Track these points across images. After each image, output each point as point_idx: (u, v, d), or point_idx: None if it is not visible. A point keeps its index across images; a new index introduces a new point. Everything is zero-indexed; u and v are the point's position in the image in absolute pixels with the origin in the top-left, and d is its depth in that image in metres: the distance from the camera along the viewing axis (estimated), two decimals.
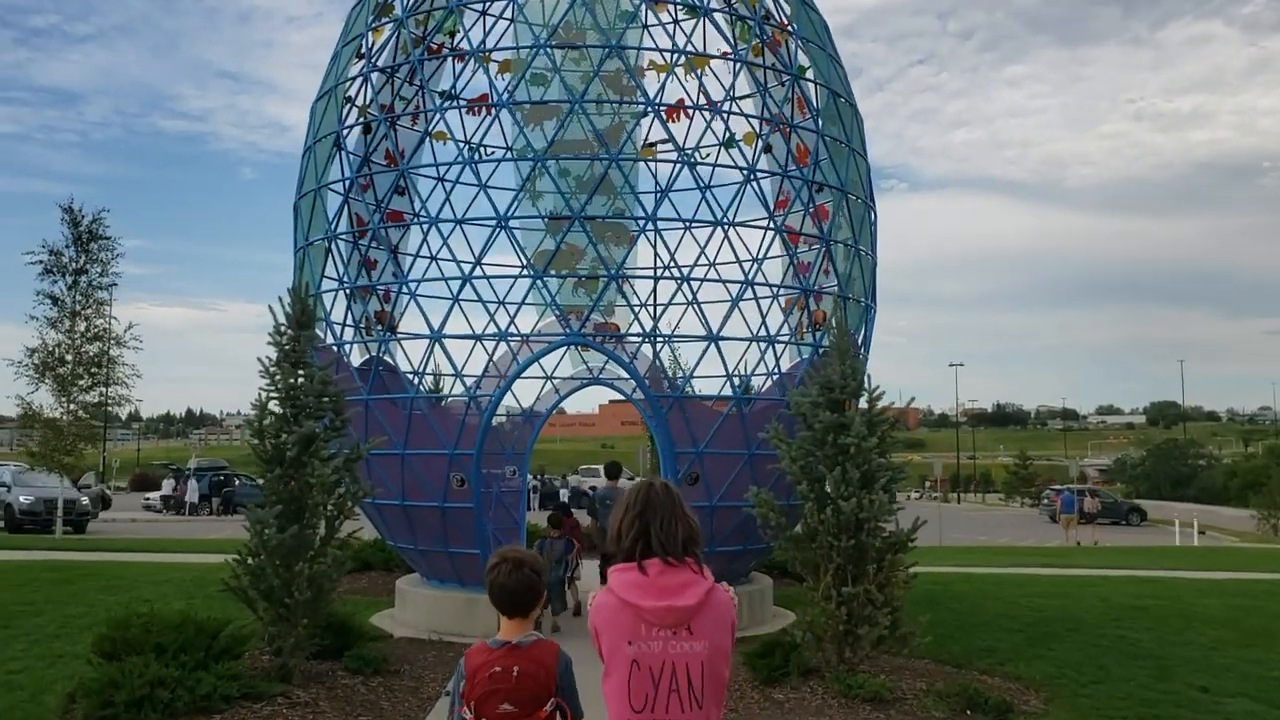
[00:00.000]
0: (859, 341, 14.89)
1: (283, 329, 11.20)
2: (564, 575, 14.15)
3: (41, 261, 29.07)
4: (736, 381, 14.34)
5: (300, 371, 11.19)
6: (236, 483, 48.84)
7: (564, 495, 48.97)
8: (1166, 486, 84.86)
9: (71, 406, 28.87)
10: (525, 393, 18.87)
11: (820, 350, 14.19)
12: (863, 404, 11.27)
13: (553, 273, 13.12)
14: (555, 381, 19.05)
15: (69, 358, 28.76)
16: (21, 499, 34.73)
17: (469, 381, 13.98)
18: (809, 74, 14.69)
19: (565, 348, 18.79)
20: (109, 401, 30.45)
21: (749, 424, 13.52)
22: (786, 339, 16.02)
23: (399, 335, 15.78)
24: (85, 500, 36.63)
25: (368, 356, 16.52)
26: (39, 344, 28.70)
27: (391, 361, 16.29)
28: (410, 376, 16.81)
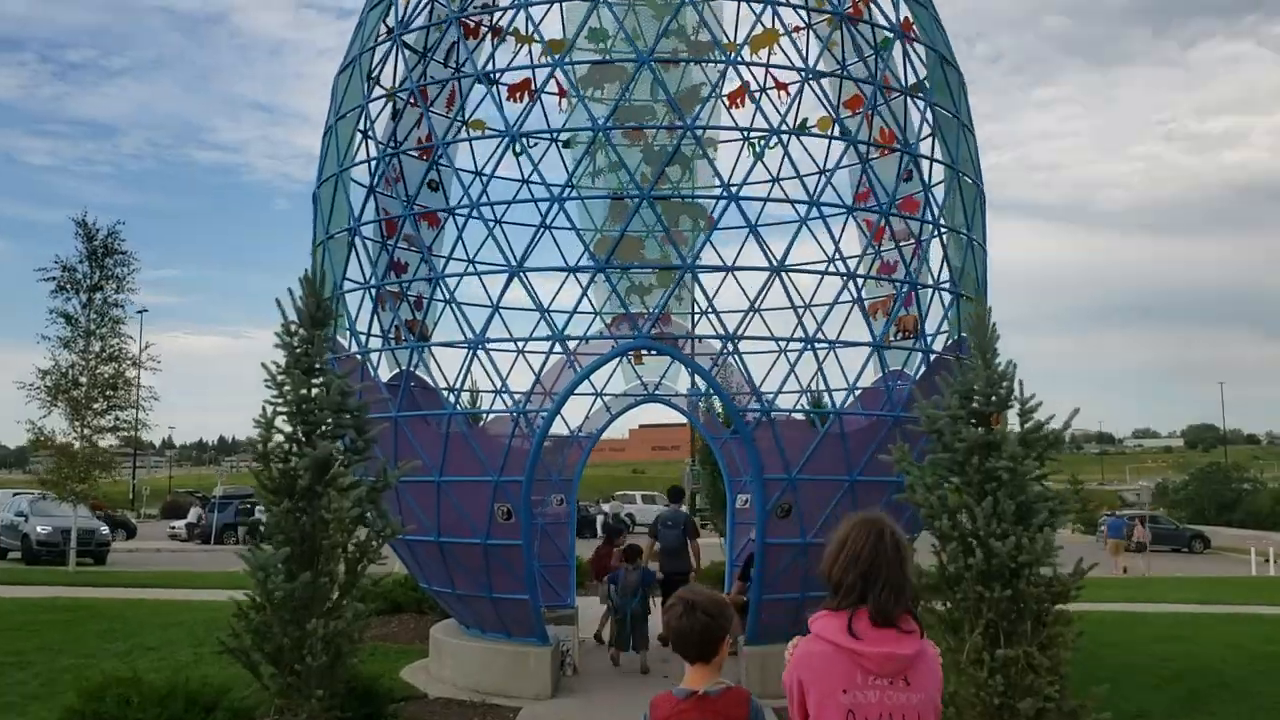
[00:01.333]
0: None
1: (293, 328, 8.95)
2: (642, 610, 12.82)
3: (54, 278, 27.03)
4: (826, 396, 12.01)
5: (314, 381, 8.94)
6: (258, 510, 46.80)
7: (599, 522, 46.52)
8: (1211, 511, 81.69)
9: (86, 431, 26.72)
10: (572, 412, 16.61)
11: (931, 355, 11.81)
12: (1012, 418, 8.88)
13: (617, 262, 10.77)
14: (606, 399, 16.74)
15: (83, 379, 26.65)
16: (39, 529, 32.65)
17: (516, 396, 11.63)
18: (910, 34, 12.37)
19: (620, 358, 16.55)
20: (124, 426, 28.33)
21: (850, 446, 11.14)
22: (912, 342, 13.66)
23: (433, 344, 13.51)
24: (105, 530, 34.57)
25: (397, 370, 14.32)
26: (51, 365, 26.59)
27: (425, 376, 14.04)
28: (446, 394, 14.54)
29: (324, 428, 8.87)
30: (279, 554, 8.45)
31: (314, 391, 8.90)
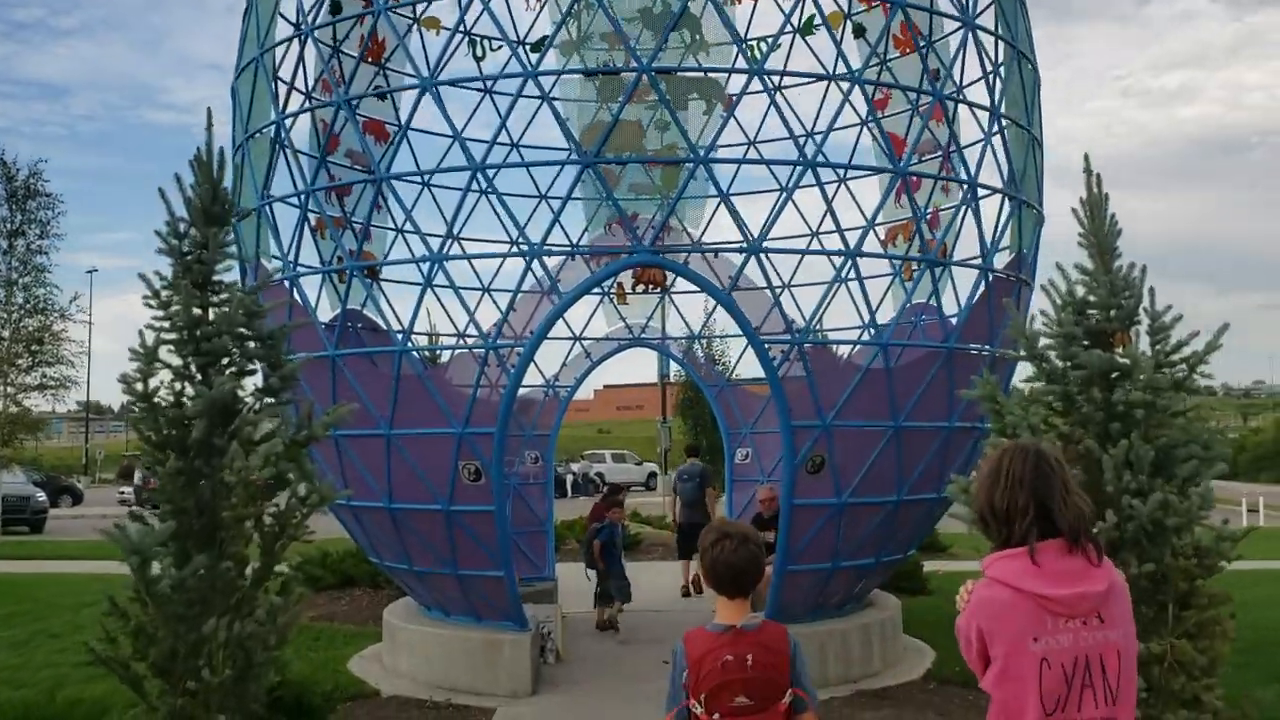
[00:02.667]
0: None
1: (181, 225, 6.50)
2: (599, 566, 11.93)
3: None
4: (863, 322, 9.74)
5: (213, 298, 6.52)
6: None
7: (569, 481, 44.27)
8: None
9: (9, 390, 23.93)
10: (546, 359, 14.26)
11: (991, 275, 9.53)
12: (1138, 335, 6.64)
13: (609, 156, 8.30)
14: (585, 344, 14.38)
15: (5, 333, 23.82)
16: None
17: (482, 334, 9.20)
18: None
19: (605, 289, 14.16)
20: (53, 384, 25.50)
21: (896, 384, 8.87)
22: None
23: (386, 262, 11.12)
24: (41, 496, 31.77)
25: (340, 311, 11.90)
26: None
27: (373, 317, 11.62)
28: (400, 337, 12.09)
29: (225, 359, 6.46)
30: (162, 530, 6.06)
31: (211, 312, 6.48)
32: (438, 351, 12.21)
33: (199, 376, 6.42)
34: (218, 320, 6.38)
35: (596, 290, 14.36)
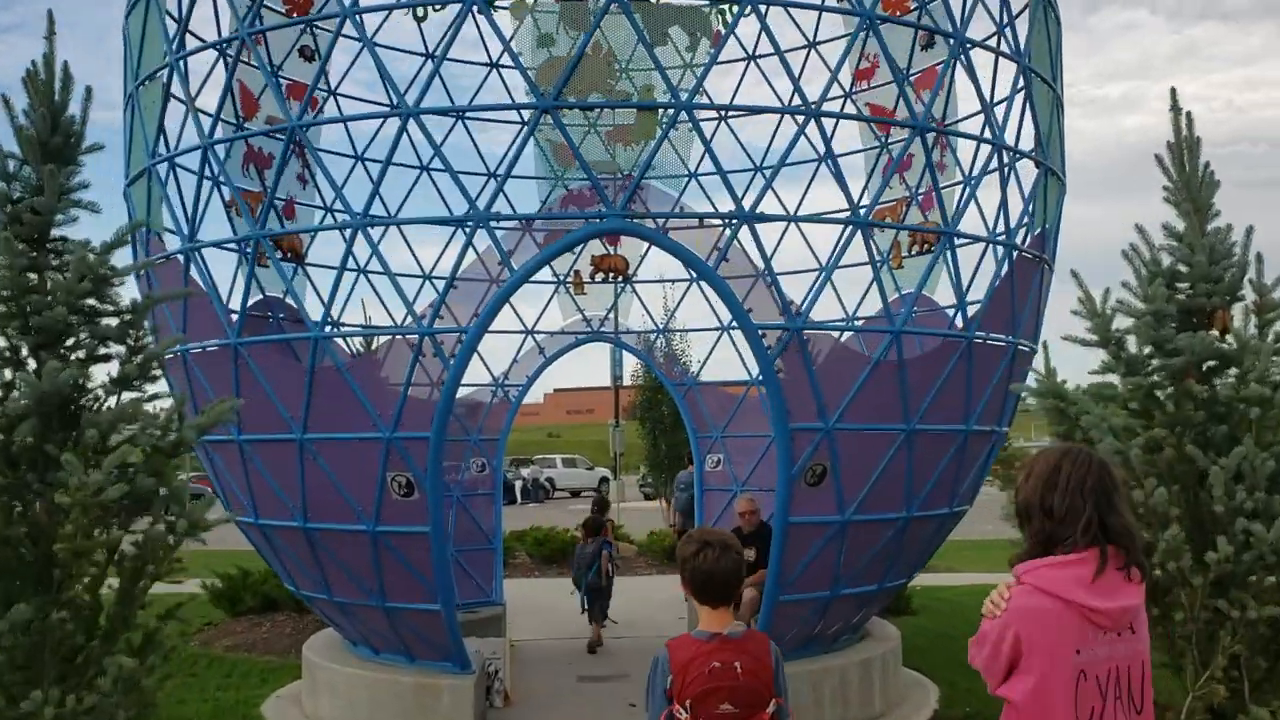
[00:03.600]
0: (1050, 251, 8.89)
1: (10, 163, 4.87)
2: (602, 583, 11.19)
3: None
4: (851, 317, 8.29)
5: (50, 257, 4.89)
6: None
7: (519, 487, 42.50)
8: None
9: None
10: (494, 353, 12.72)
11: (1015, 254, 8.12)
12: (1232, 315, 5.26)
13: (570, 100, 6.73)
14: (539, 338, 12.82)
15: None
16: None
17: (416, 319, 7.56)
18: None
19: (564, 266, 12.69)
20: None
21: (912, 380, 7.43)
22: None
23: (305, 227, 9.52)
24: None
25: (260, 299, 10.26)
26: None
27: (296, 305, 9.98)
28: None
29: (72, 341, 4.85)
30: None
31: (48, 278, 4.86)
32: (366, 339, 10.49)
33: (31, 362, 4.80)
34: (56, 288, 4.76)
35: (551, 279, 12.86)
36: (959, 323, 8.82)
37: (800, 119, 7.86)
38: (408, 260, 13.77)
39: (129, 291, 7.32)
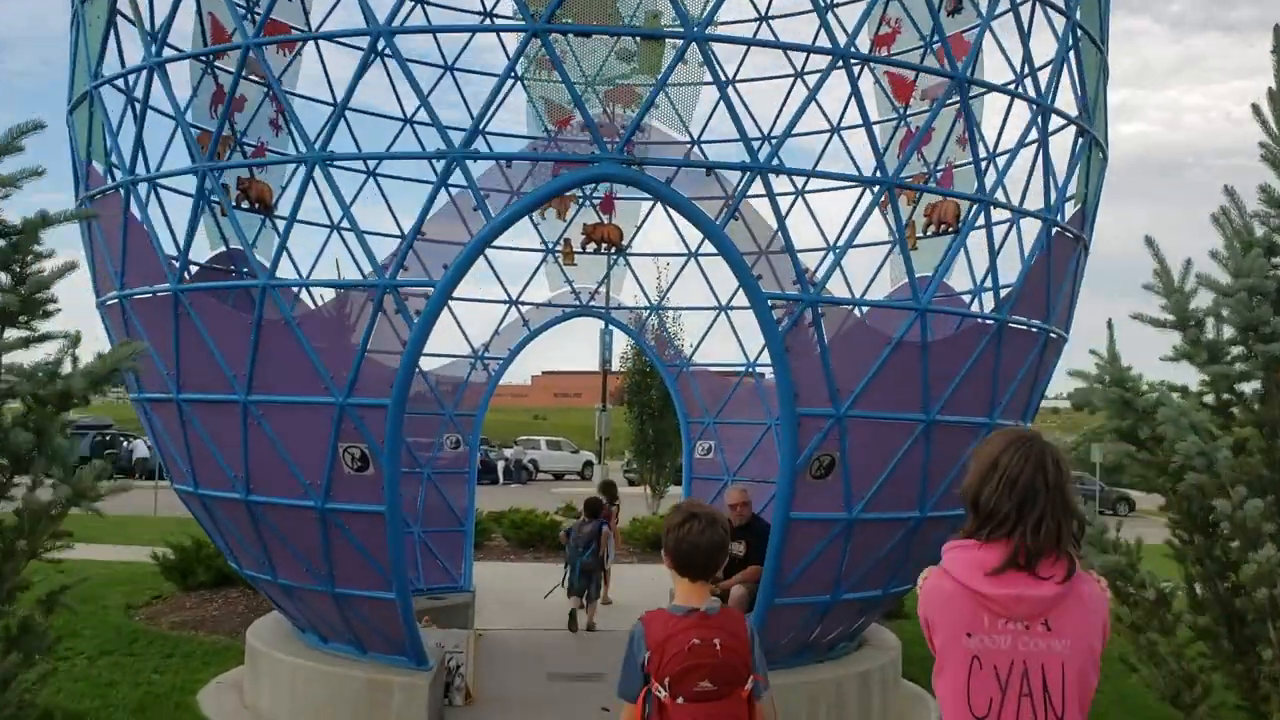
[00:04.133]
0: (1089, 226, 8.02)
1: None
2: (602, 564, 11.15)
3: None
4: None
5: None
6: (124, 444, 40.74)
7: (500, 467, 41.62)
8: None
9: None
10: (475, 325, 11.81)
11: (1054, 231, 7.24)
12: None
13: (566, 23, 5.81)
14: (523, 309, 11.92)
15: None
16: None
17: (378, 269, 6.61)
18: None
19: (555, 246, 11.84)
20: None
21: (934, 365, 6.57)
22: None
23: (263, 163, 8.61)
24: None
25: (223, 250, 9.38)
26: None
27: (264, 261, 9.06)
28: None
29: None
30: None
31: None
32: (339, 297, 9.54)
33: None
34: None
35: (539, 247, 11.97)
36: (978, 308, 8.00)
37: (810, 85, 6.96)
38: (389, 223, 12.76)
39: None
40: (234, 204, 9.82)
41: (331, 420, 6.32)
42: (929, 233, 10.39)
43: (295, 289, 7.80)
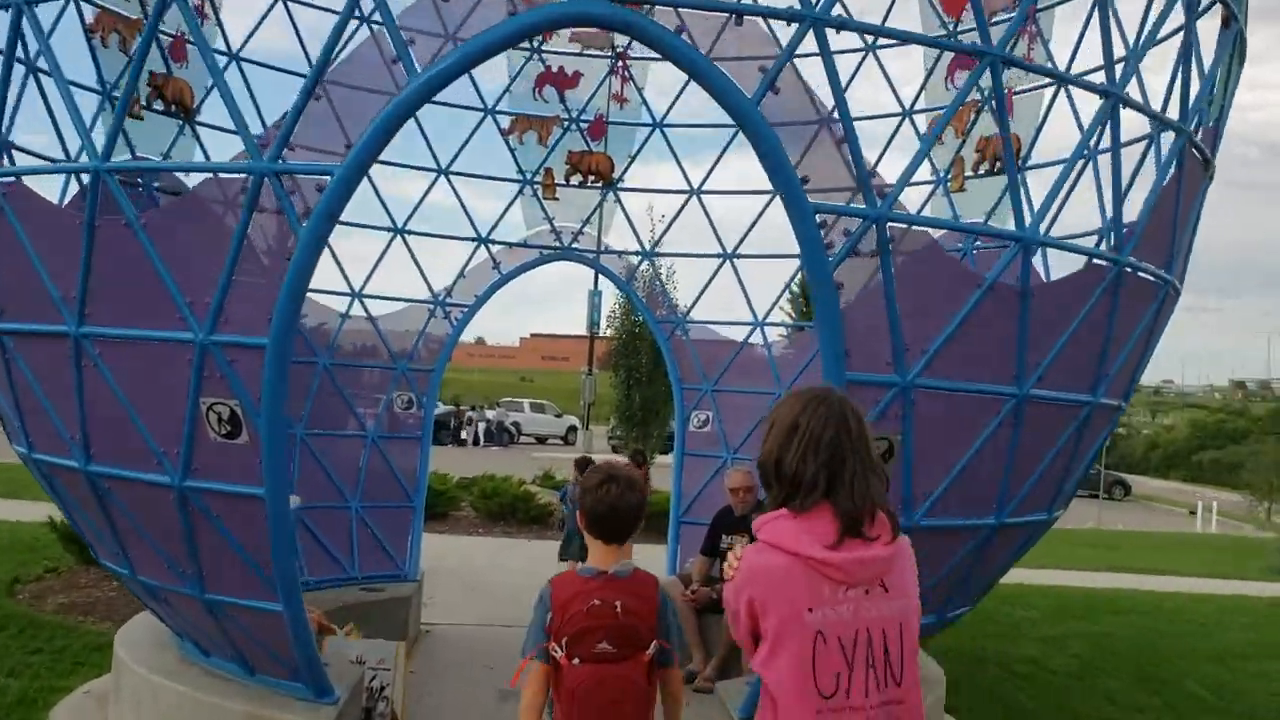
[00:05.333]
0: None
1: None
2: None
3: None
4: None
5: None
6: None
7: (481, 429, 39.64)
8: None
9: None
10: (436, 266, 9.83)
11: (1188, 145, 5.30)
12: None
13: None
14: (494, 249, 9.96)
15: None
16: None
17: (254, 152, 4.57)
18: None
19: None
20: None
21: (1034, 321, 4.65)
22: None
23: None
24: None
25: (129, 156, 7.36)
26: None
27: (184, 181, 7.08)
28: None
29: None
30: None
31: None
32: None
33: None
34: None
35: (515, 176, 9.98)
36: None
37: None
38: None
39: None
40: (146, 104, 7.95)
41: (190, 365, 4.37)
42: (981, 171, 8.53)
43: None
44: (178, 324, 4.36)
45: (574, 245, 10.09)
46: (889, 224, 4.18)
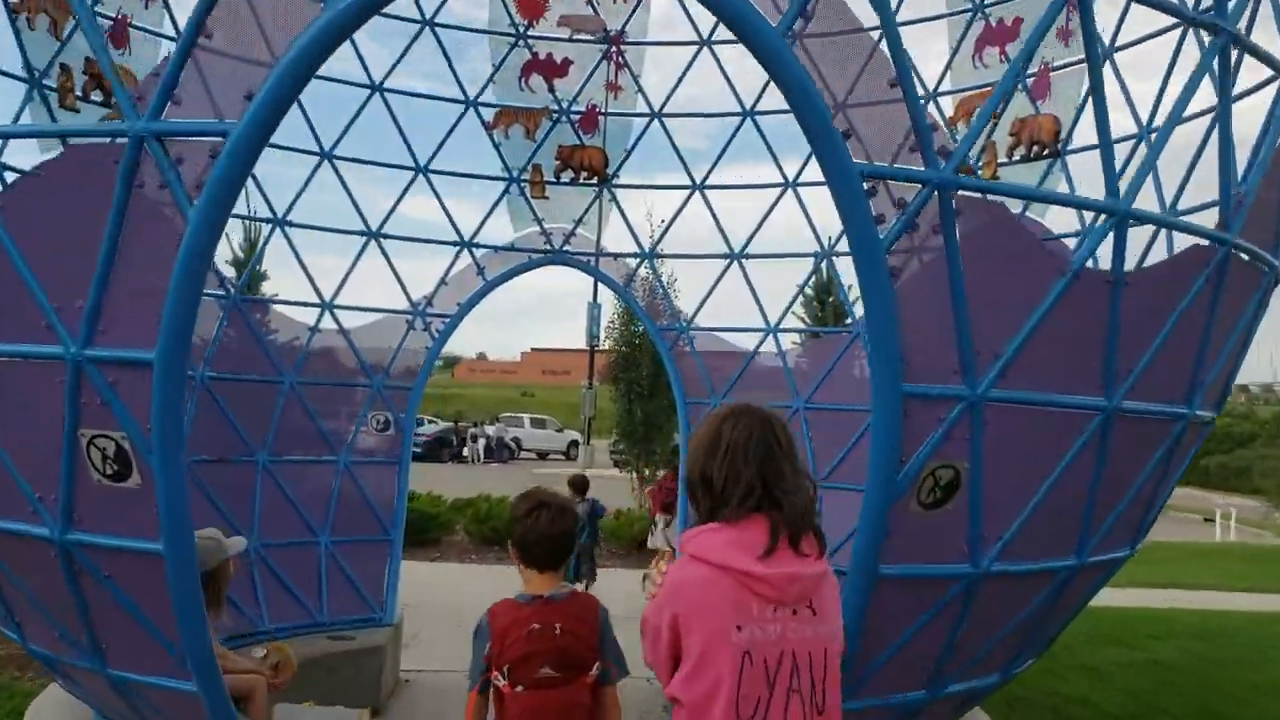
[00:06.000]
0: None
1: None
2: (590, 543, 10.80)
3: None
4: None
5: None
6: None
7: (481, 445, 38.58)
8: None
9: None
10: (415, 273, 8.86)
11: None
12: None
13: None
14: (477, 254, 9.01)
15: None
16: None
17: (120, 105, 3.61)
18: None
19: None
20: None
21: (1135, 306, 3.67)
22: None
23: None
24: None
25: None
26: None
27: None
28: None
29: None
30: None
31: None
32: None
33: None
34: None
35: (500, 174, 9.03)
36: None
37: None
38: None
39: None
40: (82, 95, 7.04)
41: (63, 387, 3.40)
42: (1017, 156, 7.61)
43: None
44: (44, 335, 3.39)
45: (566, 248, 9.14)
46: (956, 191, 3.20)
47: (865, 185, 3.11)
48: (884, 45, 4.18)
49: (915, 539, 3.65)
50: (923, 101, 8.17)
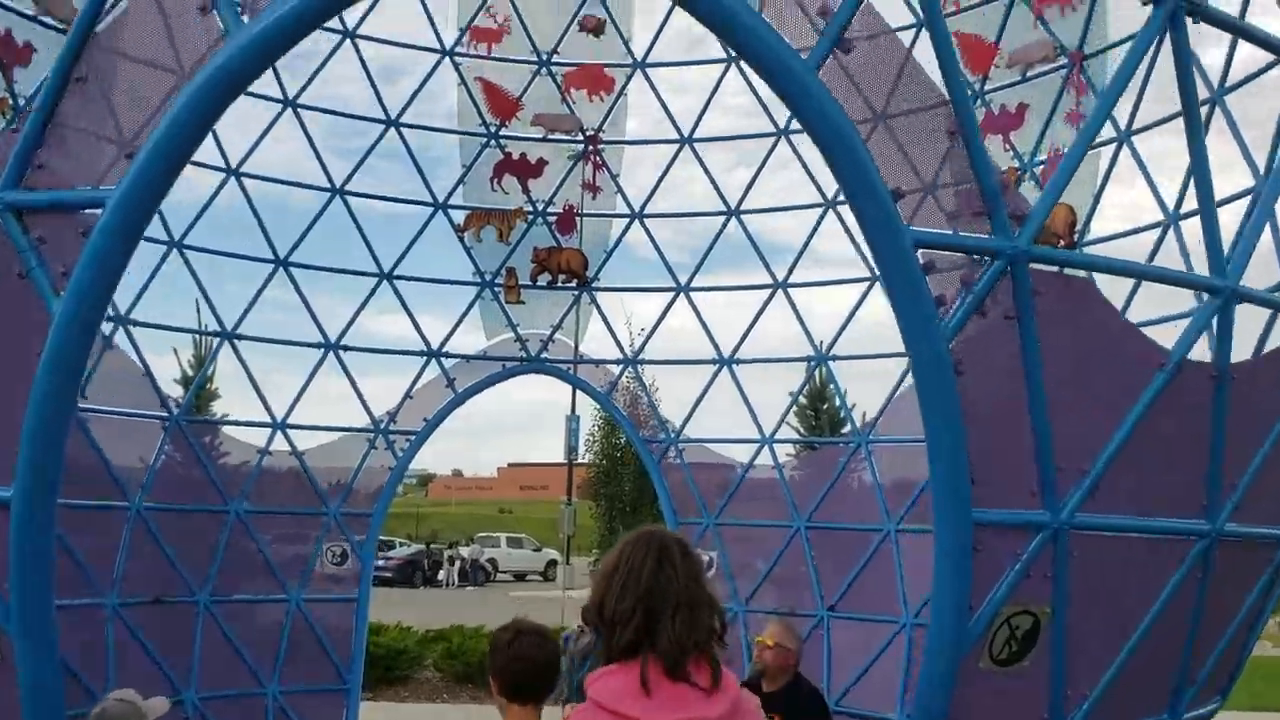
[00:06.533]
0: None
1: None
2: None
3: None
4: None
5: None
6: None
7: (456, 568, 37.18)
8: None
9: None
10: (378, 391, 8.18)
11: None
12: None
13: None
14: (446, 364, 8.34)
15: None
16: None
17: None
18: None
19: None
20: None
21: (1239, 407, 3.02)
22: None
23: None
24: None
25: None
26: None
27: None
28: None
29: None
30: None
31: None
32: None
33: None
34: None
35: (471, 279, 8.44)
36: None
37: None
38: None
39: None
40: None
41: None
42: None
43: None
44: None
45: (544, 355, 8.50)
46: (1031, 264, 2.57)
47: (920, 257, 2.47)
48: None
49: (986, 703, 2.90)
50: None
